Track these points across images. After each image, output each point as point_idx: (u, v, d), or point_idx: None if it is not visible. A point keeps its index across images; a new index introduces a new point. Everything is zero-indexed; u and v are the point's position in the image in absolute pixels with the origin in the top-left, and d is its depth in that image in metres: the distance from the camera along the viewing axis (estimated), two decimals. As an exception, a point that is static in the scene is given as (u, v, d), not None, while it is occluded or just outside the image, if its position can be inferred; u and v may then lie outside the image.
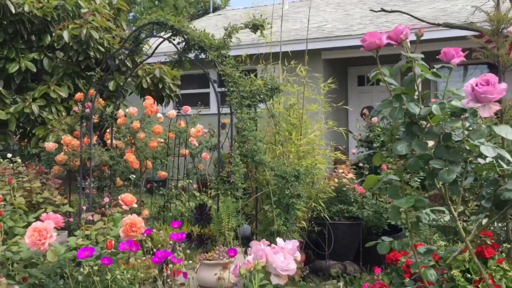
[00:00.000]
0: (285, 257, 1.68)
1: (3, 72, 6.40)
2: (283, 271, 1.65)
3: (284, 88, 4.49)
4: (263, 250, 1.67)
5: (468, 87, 1.46)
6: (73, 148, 5.26)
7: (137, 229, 2.38)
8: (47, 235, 2.12)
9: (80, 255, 2.08)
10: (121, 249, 2.17)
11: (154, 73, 6.92)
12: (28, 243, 2.12)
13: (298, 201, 4.03)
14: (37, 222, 2.18)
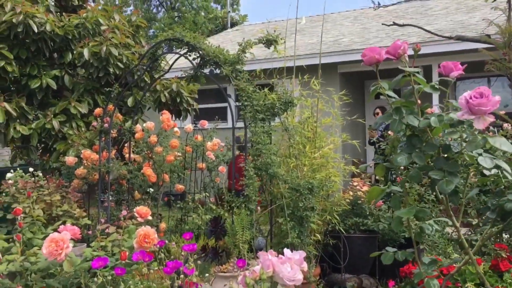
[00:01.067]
0: (292, 267, 1.71)
1: (25, 89, 6.59)
2: (289, 281, 1.68)
3: (298, 102, 4.54)
4: (270, 260, 1.71)
5: (463, 99, 1.49)
6: (92, 162, 5.38)
7: (150, 240, 2.44)
8: (64, 246, 2.19)
9: (94, 265, 2.15)
10: (134, 259, 2.23)
11: (171, 88, 7.05)
12: (46, 253, 2.19)
13: (312, 214, 4.04)
14: (54, 233, 2.25)
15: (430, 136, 1.56)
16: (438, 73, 8.60)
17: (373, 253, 2.03)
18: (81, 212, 4.58)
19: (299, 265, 1.74)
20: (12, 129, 6.16)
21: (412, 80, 1.67)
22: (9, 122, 6.19)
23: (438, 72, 1.77)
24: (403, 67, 1.65)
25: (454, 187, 1.44)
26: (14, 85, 6.93)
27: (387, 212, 4.91)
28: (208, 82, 7.60)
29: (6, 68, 6.14)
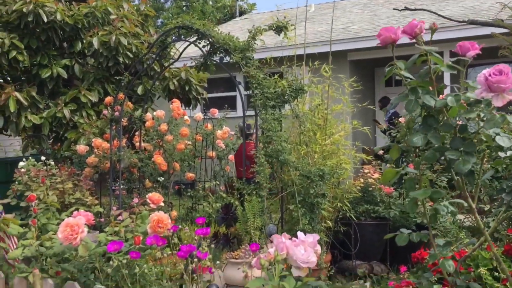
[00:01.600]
0: (305, 250, 1.71)
1: (36, 78, 6.62)
2: (303, 263, 1.69)
3: (309, 89, 4.52)
4: (284, 243, 1.71)
5: (481, 77, 1.47)
6: (103, 150, 5.41)
7: (163, 225, 2.46)
8: (79, 230, 2.21)
9: (110, 248, 2.17)
10: (148, 243, 2.25)
11: (180, 76, 7.05)
12: (61, 238, 2.21)
13: (323, 201, 4.04)
14: (69, 218, 2.28)
15: (446, 116, 1.54)
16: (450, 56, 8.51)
17: (387, 235, 2.02)
18: (93, 200, 4.63)
19: (313, 248, 1.74)
20: (24, 118, 6.20)
21: (429, 59, 1.65)
22: (21, 112, 6.23)
23: (455, 52, 1.75)
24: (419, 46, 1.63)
25: (470, 167, 1.42)
26: (24, 75, 6.96)
27: (398, 199, 4.90)
28: (218, 71, 7.58)
29: (17, 57, 6.17)
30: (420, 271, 3.32)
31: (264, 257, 1.64)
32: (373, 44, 9.60)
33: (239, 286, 3.91)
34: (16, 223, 2.72)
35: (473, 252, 2.23)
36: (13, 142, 12.80)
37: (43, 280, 2.29)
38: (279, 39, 4.78)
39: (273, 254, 1.62)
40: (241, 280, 3.67)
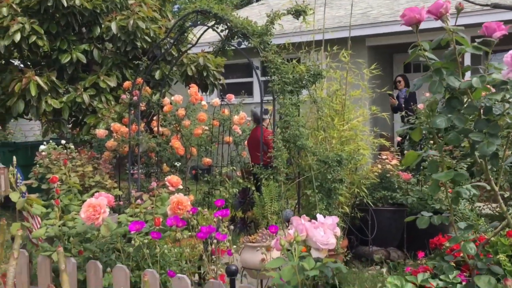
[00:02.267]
0: (325, 231, 1.72)
1: (56, 63, 6.70)
2: (323, 245, 1.70)
3: (327, 74, 4.49)
4: (303, 225, 1.72)
5: (508, 57, 1.44)
6: (121, 134, 5.47)
7: (183, 207, 2.49)
8: (101, 211, 2.25)
9: (132, 228, 2.21)
10: (168, 224, 2.28)
11: (198, 61, 7.05)
12: (84, 217, 2.26)
13: (341, 186, 4.04)
14: (92, 198, 2.32)
15: (471, 98, 1.52)
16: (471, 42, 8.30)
17: (407, 218, 2.02)
18: (112, 183, 4.69)
19: (332, 230, 1.75)
20: (44, 102, 6.29)
21: (453, 40, 1.63)
22: (41, 96, 6.32)
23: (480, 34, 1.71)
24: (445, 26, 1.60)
25: (494, 149, 1.41)
26: (44, 60, 7.04)
27: (416, 186, 4.86)
28: (235, 56, 7.56)
29: (37, 42, 6.23)
30: (438, 257, 3.31)
31: (285, 238, 1.65)
32: (393, 29, 9.48)
33: (255, 269, 3.94)
34: (40, 203, 2.78)
35: (493, 238, 2.22)
36: (33, 126, 13.01)
37: (66, 259, 2.34)
38: (297, 24, 4.74)
39: (293, 235, 1.64)
40: (257, 263, 3.70)
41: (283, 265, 1.59)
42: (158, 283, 2.00)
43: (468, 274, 2.99)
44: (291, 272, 1.63)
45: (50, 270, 2.38)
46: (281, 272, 1.64)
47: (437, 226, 5.32)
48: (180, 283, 2.02)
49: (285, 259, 1.66)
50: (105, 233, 2.33)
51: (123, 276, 2.14)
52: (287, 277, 1.62)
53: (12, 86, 6.19)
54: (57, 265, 2.43)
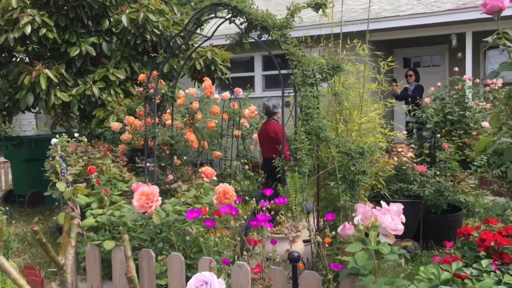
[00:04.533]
0: (392, 218, 1.76)
1: (64, 56, 6.64)
2: (392, 230, 1.73)
3: (347, 67, 4.53)
4: (371, 211, 1.76)
5: None
6: (135, 127, 5.46)
7: (230, 197, 2.51)
8: (154, 199, 2.26)
9: (189, 216, 2.23)
10: (223, 212, 2.30)
11: (206, 55, 7.04)
12: (137, 206, 2.27)
13: (364, 178, 4.08)
14: (144, 187, 2.33)
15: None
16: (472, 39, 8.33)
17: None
18: (130, 176, 4.68)
19: (398, 216, 1.78)
20: (53, 95, 6.24)
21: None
22: (50, 89, 6.27)
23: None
24: None
25: None
26: (51, 52, 6.98)
27: (431, 178, 4.93)
28: (236, 51, 7.56)
29: (47, 35, 6.18)
30: (466, 247, 3.37)
31: (362, 222, 1.68)
32: (394, 24, 9.56)
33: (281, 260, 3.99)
34: (84, 191, 2.78)
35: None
36: (32, 120, 12.90)
37: (117, 248, 2.35)
38: (314, 17, 4.77)
39: (366, 222, 1.67)
40: (282, 254, 3.74)
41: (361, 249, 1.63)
42: (216, 270, 2.02)
43: (499, 262, 3.06)
44: (365, 257, 1.67)
45: (99, 259, 2.39)
46: (355, 257, 1.68)
47: (450, 219, 5.38)
48: (241, 270, 2.04)
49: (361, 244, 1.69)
50: (156, 221, 2.34)
51: (178, 263, 2.16)
52: (361, 262, 1.65)
53: (22, 79, 6.13)
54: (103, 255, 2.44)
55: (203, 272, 1.62)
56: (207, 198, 2.69)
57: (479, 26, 8.99)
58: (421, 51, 11.54)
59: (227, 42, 5.05)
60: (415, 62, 11.72)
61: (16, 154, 8.17)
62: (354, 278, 1.86)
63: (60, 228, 2.36)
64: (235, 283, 2.05)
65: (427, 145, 5.18)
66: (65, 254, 1.90)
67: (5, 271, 2.00)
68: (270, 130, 6.17)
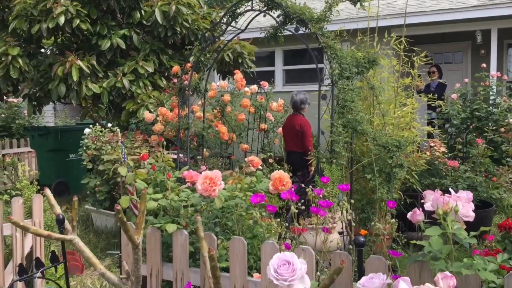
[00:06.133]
0: (462, 205, 1.80)
1: (95, 48, 6.72)
2: (464, 217, 1.77)
3: (384, 61, 4.56)
4: (442, 198, 1.80)
5: None
6: (166, 119, 5.53)
7: (286, 183, 2.57)
8: (218, 182, 2.33)
9: (253, 200, 2.29)
10: (283, 197, 2.36)
11: (235, 48, 7.09)
12: (201, 189, 2.33)
13: (401, 171, 4.11)
14: (207, 171, 2.39)
15: None
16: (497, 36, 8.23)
17: None
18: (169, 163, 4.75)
19: (468, 203, 1.82)
20: (85, 86, 6.33)
21: None
22: (81, 80, 6.35)
23: None
24: None
25: None
26: (80, 44, 7.06)
27: (464, 173, 4.95)
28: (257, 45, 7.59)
29: (80, 26, 6.25)
30: (507, 240, 3.39)
31: (440, 207, 1.72)
32: (419, 20, 9.53)
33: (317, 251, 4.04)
34: (144, 176, 2.85)
35: None
36: (52, 112, 13.05)
37: (178, 231, 2.42)
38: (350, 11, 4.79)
39: (444, 207, 1.71)
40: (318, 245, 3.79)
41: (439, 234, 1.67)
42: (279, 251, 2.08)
43: (543, 255, 3.08)
44: (439, 242, 1.71)
45: (160, 242, 2.45)
46: (431, 241, 1.72)
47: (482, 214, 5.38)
48: (305, 254, 2.09)
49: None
50: (218, 205, 2.40)
51: (241, 247, 2.22)
52: (436, 246, 1.70)
53: (55, 70, 6.22)
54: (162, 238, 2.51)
55: (284, 252, 1.67)
56: (260, 185, 2.74)
57: (505, 23, 8.94)
58: (444, 48, 11.48)
59: (252, 35, 5.10)
60: (437, 59, 11.67)
61: (42, 144, 8.28)
62: (423, 264, 1.90)
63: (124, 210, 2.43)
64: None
65: (460, 140, 5.19)
66: (140, 234, 1.96)
67: (80, 250, 2.07)
68: (295, 123, 6.21)
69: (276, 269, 1.64)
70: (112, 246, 4.87)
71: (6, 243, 4.01)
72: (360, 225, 4.51)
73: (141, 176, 2.83)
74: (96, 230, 5.60)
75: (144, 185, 2.67)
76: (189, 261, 2.40)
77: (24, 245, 3.71)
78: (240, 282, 2.25)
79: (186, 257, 2.39)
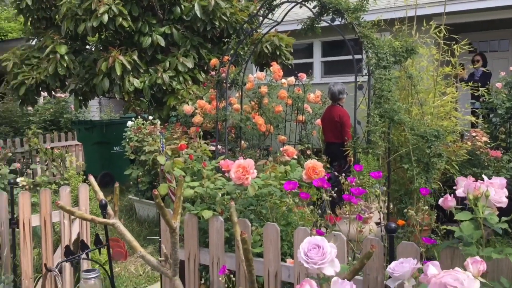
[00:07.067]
0: (495, 191, 1.78)
1: (137, 45, 6.93)
2: (497, 203, 1.76)
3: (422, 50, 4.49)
4: (474, 184, 1.79)
5: None
6: (205, 111, 5.65)
7: (319, 172, 2.61)
8: (250, 171, 2.40)
9: (286, 187, 2.35)
10: (315, 185, 2.41)
11: (273, 41, 7.13)
12: (234, 177, 2.41)
13: (439, 161, 4.05)
14: (240, 160, 2.47)
15: None
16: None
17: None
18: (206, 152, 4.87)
19: (501, 189, 1.81)
20: (127, 81, 6.55)
21: None
22: (124, 75, 6.57)
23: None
24: None
25: None
26: (123, 40, 7.29)
27: (508, 163, 4.81)
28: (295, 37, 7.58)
29: (123, 24, 6.45)
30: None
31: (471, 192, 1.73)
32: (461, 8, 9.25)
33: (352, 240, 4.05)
34: (182, 165, 2.96)
35: None
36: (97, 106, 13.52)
37: (214, 217, 2.51)
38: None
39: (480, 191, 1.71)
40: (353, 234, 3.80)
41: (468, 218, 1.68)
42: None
43: None
44: (470, 227, 1.71)
45: (197, 227, 2.55)
46: (461, 226, 1.73)
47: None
48: (336, 240, 2.13)
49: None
50: (252, 193, 2.47)
51: (274, 233, 2.28)
52: (467, 231, 1.70)
53: (99, 65, 6.46)
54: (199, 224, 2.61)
55: (315, 236, 1.72)
56: (294, 174, 2.80)
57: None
58: (489, 35, 11.10)
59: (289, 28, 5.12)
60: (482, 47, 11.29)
61: (88, 138, 8.62)
62: (454, 250, 1.90)
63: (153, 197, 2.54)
64: (331, 252, 2.14)
65: (503, 130, 5.04)
66: (177, 218, 2.05)
67: (121, 233, 2.19)
68: (334, 114, 6.19)
69: (306, 252, 1.70)
70: (154, 234, 5.05)
71: (55, 230, 4.24)
72: (398, 216, 4.48)
73: (179, 164, 2.94)
74: (139, 219, 5.81)
75: (182, 173, 2.77)
76: (224, 247, 2.48)
77: (72, 231, 3.92)
78: (273, 267, 2.31)
79: (221, 242, 2.47)
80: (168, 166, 2.87)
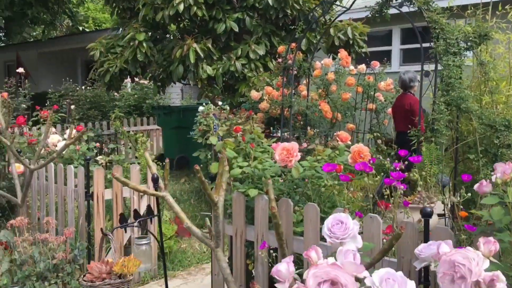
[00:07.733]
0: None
1: (211, 32, 7.18)
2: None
3: (496, 35, 4.25)
4: (508, 167, 1.74)
5: None
6: (272, 97, 5.76)
7: (364, 156, 2.63)
8: (294, 154, 2.48)
9: (325, 169, 2.42)
10: (357, 169, 2.44)
11: (345, 31, 7.06)
12: (278, 159, 2.51)
13: (508, 152, 3.85)
14: (285, 143, 2.57)
15: None
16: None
17: None
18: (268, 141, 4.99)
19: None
20: (201, 69, 6.83)
21: None
22: (198, 62, 6.86)
23: None
24: None
25: None
26: (199, 28, 7.59)
27: None
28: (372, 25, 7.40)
29: (197, 12, 6.72)
30: None
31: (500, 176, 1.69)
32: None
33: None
34: (232, 146, 3.12)
35: None
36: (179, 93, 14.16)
37: (260, 196, 2.62)
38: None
39: (504, 178, 1.67)
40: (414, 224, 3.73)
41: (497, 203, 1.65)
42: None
43: None
44: (500, 212, 1.68)
45: (244, 205, 2.69)
46: (491, 212, 1.69)
47: None
48: (372, 221, 2.16)
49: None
50: (296, 175, 2.56)
51: (313, 213, 2.35)
52: (497, 216, 1.67)
53: (174, 53, 6.80)
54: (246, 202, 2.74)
55: (339, 213, 1.78)
56: (341, 158, 2.83)
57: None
58: None
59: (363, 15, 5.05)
60: None
61: (166, 122, 9.10)
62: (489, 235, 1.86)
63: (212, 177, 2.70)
64: (367, 233, 2.17)
65: None
66: (219, 193, 2.19)
67: (170, 205, 2.37)
68: (405, 103, 6.04)
69: (330, 227, 1.76)
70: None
71: (126, 204, 4.60)
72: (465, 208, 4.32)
73: (230, 145, 3.09)
74: (207, 201, 6.09)
75: (234, 154, 2.92)
76: (268, 225, 2.59)
77: (141, 206, 4.24)
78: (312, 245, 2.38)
79: (266, 220, 2.58)
80: (219, 146, 3.03)
